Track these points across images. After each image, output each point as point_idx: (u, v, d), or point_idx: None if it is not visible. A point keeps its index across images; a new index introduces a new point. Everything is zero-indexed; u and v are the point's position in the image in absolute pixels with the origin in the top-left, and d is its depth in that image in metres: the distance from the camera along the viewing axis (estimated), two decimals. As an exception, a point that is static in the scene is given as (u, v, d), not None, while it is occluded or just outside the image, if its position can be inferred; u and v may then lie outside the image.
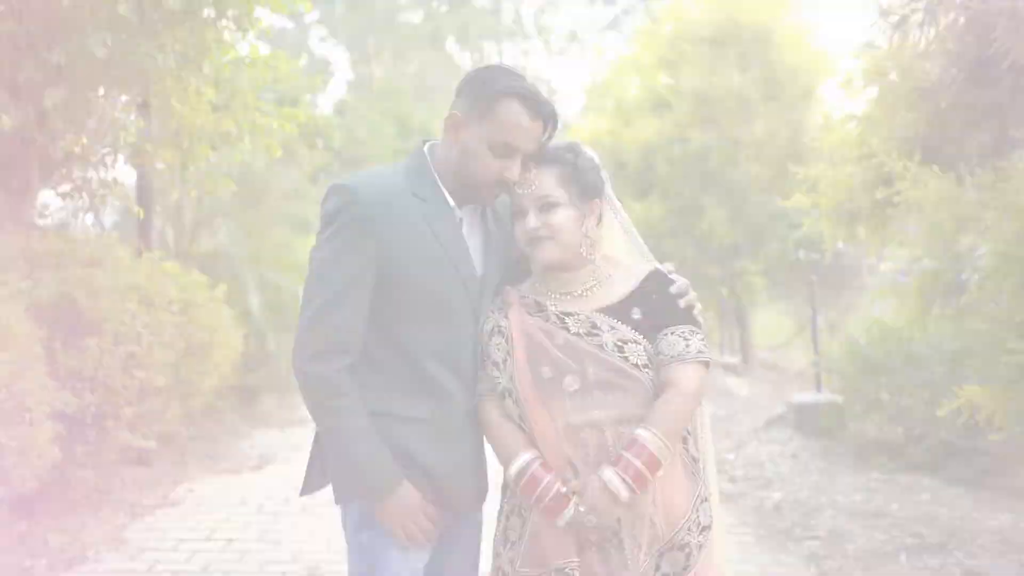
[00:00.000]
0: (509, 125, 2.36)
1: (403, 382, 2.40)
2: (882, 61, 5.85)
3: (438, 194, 2.44)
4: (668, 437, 2.30)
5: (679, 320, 2.42)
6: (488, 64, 2.46)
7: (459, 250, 2.43)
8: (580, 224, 2.46)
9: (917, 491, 6.42)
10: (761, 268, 12.59)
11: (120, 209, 9.18)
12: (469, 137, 2.39)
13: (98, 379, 5.36)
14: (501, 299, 2.52)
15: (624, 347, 2.38)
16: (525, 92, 2.36)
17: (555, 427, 2.36)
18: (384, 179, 2.41)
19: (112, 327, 5.44)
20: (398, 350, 2.40)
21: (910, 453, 7.10)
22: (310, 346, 2.32)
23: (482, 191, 2.44)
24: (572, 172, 2.46)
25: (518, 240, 2.49)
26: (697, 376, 2.38)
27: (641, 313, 2.42)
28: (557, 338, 2.41)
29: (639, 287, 2.46)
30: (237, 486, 6.87)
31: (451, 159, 2.43)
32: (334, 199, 2.35)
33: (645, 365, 2.38)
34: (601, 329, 2.40)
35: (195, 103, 6.86)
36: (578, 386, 2.36)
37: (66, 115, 6.00)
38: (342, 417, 2.31)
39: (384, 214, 2.34)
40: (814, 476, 7.06)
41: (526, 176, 2.44)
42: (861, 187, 5.60)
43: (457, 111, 2.41)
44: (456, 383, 2.43)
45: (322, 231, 2.37)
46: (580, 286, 2.49)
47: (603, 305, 2.44)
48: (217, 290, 7.25)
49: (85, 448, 5.51)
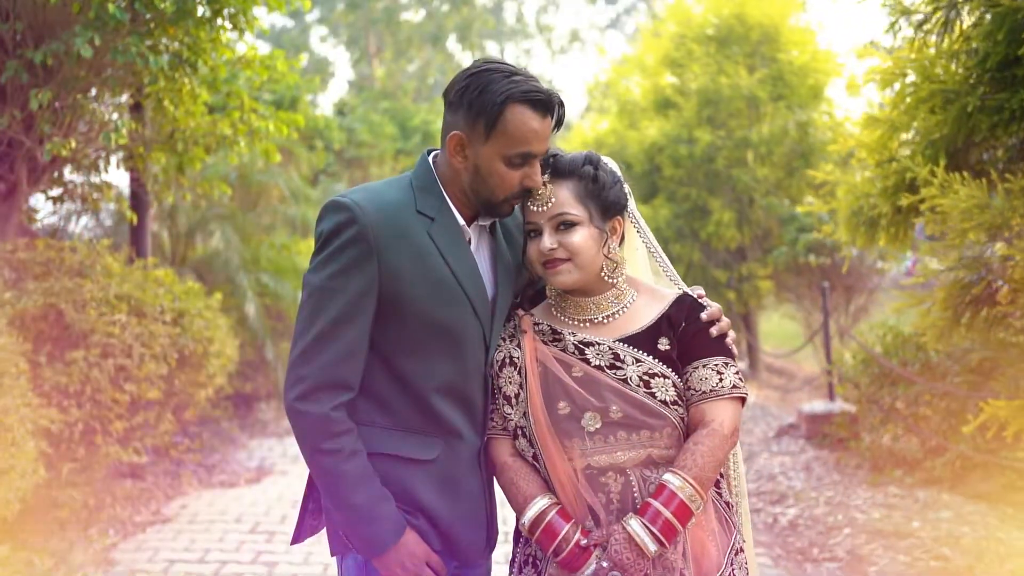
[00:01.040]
0: (521, 134, 2.13)
1: (406, 420, 2.18)
2: (901, 61, 5.63)
3: (446, 211, 2.21)
4: (700, 483, 2.07)
5: (711, 351, 2.19)
6: (474, 66, 2.17)
7: (470, 273, 2.20)
8: (601, 244, 2.22)
9: (937, 508, 6.18)
10: (769, 272, 12.36)
11: (115, 214, 8.95)
12: (479, 156, 2.16)
13: (86, 394, 5.13)
14: (513, 325, 2.29)
15: (650, 381, 2.15)
16: (528, 93, 2.12)
17: (574, 470, 2.13)
18: (386, 195, 2.18)
19: (100, 339, 5.21)
20: (401, 384, 2.17)
21: (928, 467, 6.87)
22: (303, 382, 2.08)
23: (503, 207, 2.22)
24: (591, 187, 2.23)
25: (531, 262, 2.26)
26: (733, 414, 2.15)
27: (669, 343, 2.19)
28: (575, 370, 2.18)
29: (666, 314, 2.23)
30: (233, 501, 6.64)
31: (462, 179, 2.21)
32: (331, 217, 2.12)
33: (674, 401, 2.15)
34: (625, 361, 2.17)
35: (190, 105, 6.66)
36: (599, 424, 2.13)
37: (53, 117, 5.78)
38: (339, 461, 2.08)
39: (387, 234, 2.11)
40: (829, 491, 6.82)
41: (540, 192, 2.21)
42: (882, 193, 5.38)
43: (459, 131, 2.16)
44: (465, 420, 2.20)
45: (318, 253, 2.13)
46: (601, 312, 2.25)
47: (627, 334, 2.21)
48: (212, 298, 7.02)
49: (73, 466, 5.28)
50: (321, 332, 2.08)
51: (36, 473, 4.70)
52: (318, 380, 2.08)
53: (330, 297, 2.09)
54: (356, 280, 2.09)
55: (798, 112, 12.50)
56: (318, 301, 2.10)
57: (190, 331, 6.18)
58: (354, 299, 2.09)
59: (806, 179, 12.53)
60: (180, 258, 9.36)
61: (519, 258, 2.35)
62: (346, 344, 2.09)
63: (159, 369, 5.72)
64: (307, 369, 2.08)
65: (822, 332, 9.47)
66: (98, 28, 5.44)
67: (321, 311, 2.09)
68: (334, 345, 2.08)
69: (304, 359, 2.08)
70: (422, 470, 2.16)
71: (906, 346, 7.28)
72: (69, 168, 6.90)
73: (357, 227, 2.08)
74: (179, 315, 6.18)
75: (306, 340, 2.09)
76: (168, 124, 6.74)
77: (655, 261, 2.37)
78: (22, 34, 5.73)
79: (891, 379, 7.29)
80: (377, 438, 2.15)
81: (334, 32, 34.10)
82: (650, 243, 2.37)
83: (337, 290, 2.09)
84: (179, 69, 6.31)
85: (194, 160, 7.09)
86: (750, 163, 12.42)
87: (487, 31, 34.03)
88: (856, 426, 8.14)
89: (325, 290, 2.09)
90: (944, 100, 5.24)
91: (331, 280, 2.09)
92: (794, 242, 11.13)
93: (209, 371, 6.58)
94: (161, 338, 5.75)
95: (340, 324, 2.08)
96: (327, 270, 2.10)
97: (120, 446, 5.75)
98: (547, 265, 2.21)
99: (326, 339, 2.08)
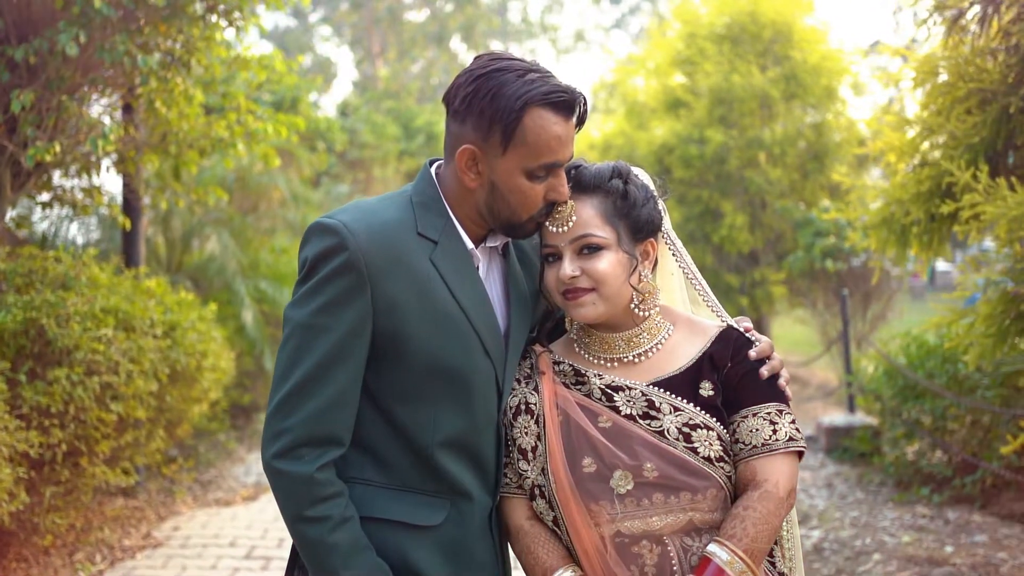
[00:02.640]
0: (544, 142, 1.81)
1: (406, 477, 1.86)
2: (933, 59, 5.31)
3: (451, 232, 1.89)
4: (752, 556, 1.75)
5: (762, 396, 1.88)
6: (480, 65, 1.84)
7: (479, 304, 1.89)
8: (630, 271, 1.91)
9: (970, 530, 5.86)
10: (782, 277, 12.02)
11: (107, 219, 8.66)
12: (496, 171, 1.84)
13: (69, 414, 4.82)
14: (530, 364, 1.97)
15: (691, 434, 1.83)
16: (549, 94, 1.81)
17: (601, 538, 1.82)
18: (381, 214, 1.86)
19: (85, 356, 4.90)
20: (400, 436, 1.86)
21: (957, 485, 6.54)
22: (283, 437, 1.77)
23: (527, 226, 1.90)
24: (620, 204, 1.91)
25: (548, 291, 1.95)
26: (789, 472, 1.83)
27: (712, 387, 1.88)
28: (603, 420, 1.86)
29: (708, 352, 1.92)
30: (228, 522, 6.33)
31: (476, 198, 1.89)
32: (317, 242, 1.81)
33: (719, 458, 1.83)
34: (661, 410, 1.85)
35: (184, 106, 6.36)
36: (631, 485, 1.81)
37: (37, 119, 5.48)
38: (326, 531, 1.76)
39: (382, 260, 1.80)
40: (854, 510, 6.50)
41: (560, 210, 1.90)
42: (915, 199, 5.05)
43: (470, 144, 1.84)
44: (474, 478, 1.89)
45: (301, 283, 1.82)
46: (631, 350, 1.94)
47: (662, 376, 1.90)
48: (207, 309, 6.71)
49: (56, 489, 4.97)
50: (305, 377, 1.77)
51: (16, 500, 4.40)
52: (301, 434, 1.76)
53: (315, 336, 1.77)
54: (346, 316, 1.77)
55: (812, 112, 12.17)
56: (301, 340, 1.78)
57: (182, 345, 5.87)
58: (343, 338, 1.78)
59: (820, 182, 12.21)
60: (176, 264, 9.05)
61: (536, 284, 2.04)
62: (334, 391, 1.78)
63: (149, 386, 5.41)
64: (288, 421, 1.77)
65: (840, 340, 9.14)
66: (84, 25, 5.14)
67: (305, 352, 1.77)
68: (320, 393, 1.77)
69: (285, 409, 1.77)
70: (425, 538, 1.85)
71: (932, 357, 6.96)
72: (59, 172, 6.62)
73: (347, 253, 1.77)
74: (171, 328, 5.87)
75: (287, 387, 1.77)
76: (161, 126, 6.44)
77: (693, 288, 2.05)
78: (4, 31, 5.43)
79: (916, 392, 6.97)
80: (372, 500, 1.84)
81: (338, 32, 33.85)
82: (687, 267, 2.05)
83: (323, 328, 1.77)
84: (172, 69, 6.02)
85: (189, 164, 6.81)
86: (763, 165, 12.09)
87: (491, 31, 33.73)
88: (878, 440, 7.83)
89: (310, 327, 1.78)
90: (981, 100, 4.93)
91: (317, 316, 1.78)
92: (810, 247, 10.79)
93: (203, 386, 6.28)
94: (151, 353, 5.44)
95: (327, 368, 1.77)
96: (312, 304, 1.78)
97: (108, 467, 5.44)
98: (568, 295, 1.90)
99: (311, 385, 1.77)
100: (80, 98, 5.83)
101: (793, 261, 11.00)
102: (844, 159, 12.27)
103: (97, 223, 8.88)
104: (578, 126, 1.88)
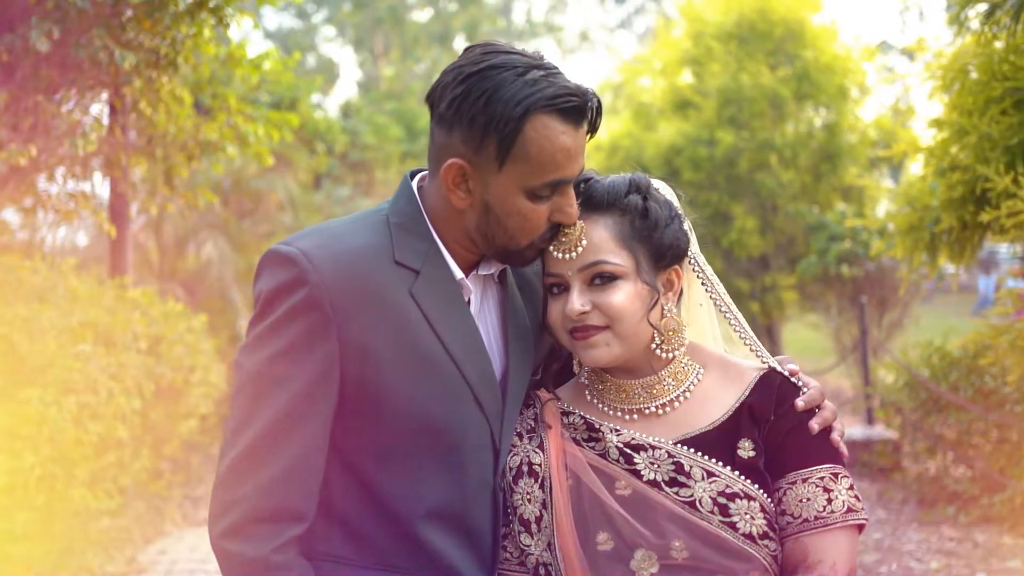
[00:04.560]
0: (549, 156, 1.49)
1: (385, 553, 1.55)
2: (963, 57, 5.01)
3: (435, 259, 1.57)
4: (805, 657, 1.44)
5: (814, 457, 1.55)
6: (471, 59, 1.51)
7: (470, 346, 1.57)
8: (651, 304, 1.59)
9: (1001, 555, 5.54)
10: (793, 282, 11.70)
11: (94, 226, 8.37)
12: (490, 189, 1.52)
13: (42, 436, 4.52)
14: (534, 415, 1.65)
15: (729, 505, 1.51)
16: (556, 99, 1.49)
17: (620, 630, 1.50)
18: (350, 239, 1.54)
19: (59, 374, 4.60)
20: (377, 506, 1.54)
21: (984, 504, 6.22)
22: (232, 511, 1.45)
23: (526, 253, 1.59)
24: (639, 224, 1.59)
25: (554, 328, 1.63)
26: (848, 550, 1.51)
27: (754, 447, 1.55)
28: (620, 486, 1.54)
29: (747, 401, 1.59)
30: (217, 544, 6.02)
31: (466, 220, 1.57)
32: (271, 274, 1.49)
33: (763, 534, 1.51)
34: (691, 474, 1.53)
35: (171, 107, 6.07)
36: (655, 568, 1.49)
37: (12, 121, 5.18)
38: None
39: (351, 296, 1.48)
40: (876, 531, 6.18)
41: (567, 232, 1.58)
42: (945, 204, 4.73)
43: (458, 158, 1.51)
44: (465, 555, 1.57)
45: (254, 324, 1.50)
46: (654, 400, 1.61)
47: (692, 432, 1.57)
48: (196, 319, 6.41)
49: (29, 516, 4.67)
50: (257, 439, 1.45)
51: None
52: (253, 509, 1.44)
53: (270, 388, 1.46)
54: (306, 364, 1.46)
55: (824, 113, 11.85)
56: (254, 393, 1.47)
57: (168, 359, 5.57)
58: (305, 390, 1.46)
59: (833, 183, 11.89)
60: (168, 271, 8.76)
61: (540, 317, 1.72)
62: (293, 456, 1.46)
63: (131, 403, 5.12)
64: (237, 492, 1.45)
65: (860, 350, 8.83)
66: (58, 20, 4.85)
67: (258, 408, 1.46)
68: (275, 458, 1.45)
69: (234, 478, 1.45)
70: (405, 629, 1.53)
71: (955, 368, 6.64)
72: (44, 176, 6.33)
73: (307, 288, 1.45)
74: (156, 341, 5.58)
75: (236, 450, 1.46)
76: (148, 128, 6.16)
77: (727, 322, 1.72)
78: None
79: (939, 405, 6.65)
80: (341, 583, 1.53)
81: (341, 32, 33.61)
82: (719, 297, 1.72)
83: (280, 378, 1.46)
84: (157, 68, 5.73)
85: (180, 167, 6.52)
86: (774, 167, 11.77)
87: (495, 31, 33.44)
88: (899, 454, 7.51)
89: (263, 378, 1.46)
90: (1017, 100, 4.61)
91: (271, 364, 1.46)
92: (824, 251, 10.47)
93: (191, 401, 5.98)
94: (133, 369, 5.14)
95: (285, 427, 1.45)
96: (266, 350, 1.47)
97: (88, 489, 5.15)
98: (576, 334, 1.58)
99: (264, 449, 1.45)
100: (60, 98, 5.54)
101: (806, 266, 10.68)
102: (858, 160, 11.95)
103: (85, 230, 8.59)
104: (590, 134, 1.56)
